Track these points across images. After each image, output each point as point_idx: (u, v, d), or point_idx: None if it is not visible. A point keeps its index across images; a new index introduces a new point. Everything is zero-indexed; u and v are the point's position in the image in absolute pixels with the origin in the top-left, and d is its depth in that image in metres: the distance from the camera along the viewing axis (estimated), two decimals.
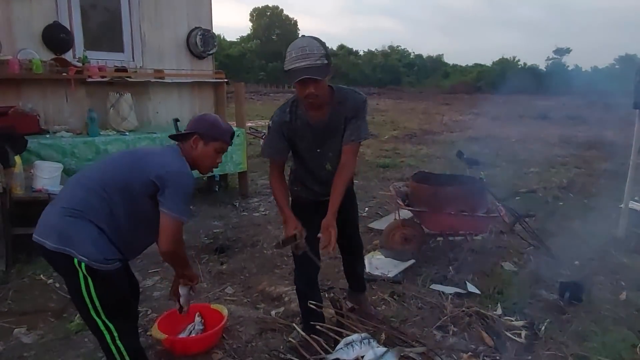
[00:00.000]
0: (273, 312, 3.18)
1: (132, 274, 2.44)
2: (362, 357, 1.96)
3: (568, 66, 46.62)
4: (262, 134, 9.06)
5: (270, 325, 3.04)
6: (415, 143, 10.97)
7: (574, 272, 3.87)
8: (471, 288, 3.47)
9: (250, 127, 9.30)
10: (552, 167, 8.28)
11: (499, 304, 3.21)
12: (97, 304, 1.99)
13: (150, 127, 5.71)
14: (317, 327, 2.29)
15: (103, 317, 2.02)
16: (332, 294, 2.46)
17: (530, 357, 2.61)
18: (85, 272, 1.94)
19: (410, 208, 3.95)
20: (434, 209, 3.82)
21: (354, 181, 3.06)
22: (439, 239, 4.25)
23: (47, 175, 3.95)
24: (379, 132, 12.58)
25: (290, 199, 2.59)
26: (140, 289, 2.69)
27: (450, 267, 3.83)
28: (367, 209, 5.72)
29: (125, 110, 5.26)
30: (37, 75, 4.76)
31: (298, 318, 3.03)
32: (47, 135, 4.77)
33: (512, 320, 2.98)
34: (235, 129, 6.04)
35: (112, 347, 2.07)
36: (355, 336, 2.10)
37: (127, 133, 5.17)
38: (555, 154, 9.53)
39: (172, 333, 2.77)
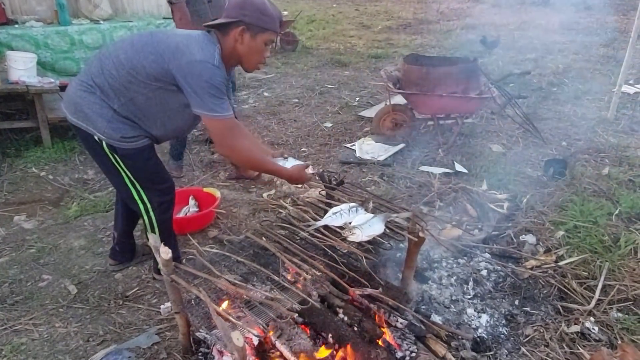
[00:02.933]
0: (265, 195, 3.27)
1: None
2: (350, 222, 2.05)
3: None
4: None
5: (263, 206, 3.14)
6: (409, 33, 10.45)
7: (560, 152, 3.94)
8: (459, 167, 3.55)
9: None
10: (550, 53, 8.01)
11: (484, 181, 3.30)
12: (130, 174, 1.98)
13: (125, 15, 5.33)
14: (307, 200, 2.36)
15: (137, 186, 2.03)
16: (320, 170, 2.49)
17: (510, 225, 2.75)
18: (107, 149, 1.90)
19: (400, 91, 3.87)
20: (425, 91, 3.74)
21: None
22: (429, 123, 4.23)
23: (22, 67, 3.76)
24: (371, 23, 11.92)
25: None
26: None
27: (440, 150, 3.88)
28: (357, 98, 5.62)
29: None
30: None
31: (289, 199, 3.13)
32: (16, 26, 4.46)
33: (496, 194, 3.09)
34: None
35: (145, 217, 2.12)
36: (343, 206, 2.16)
37: (102, 22, 4.84)
38: (554, 40, 9.16)
39: None
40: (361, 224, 2.00)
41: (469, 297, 2.23)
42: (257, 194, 3.33)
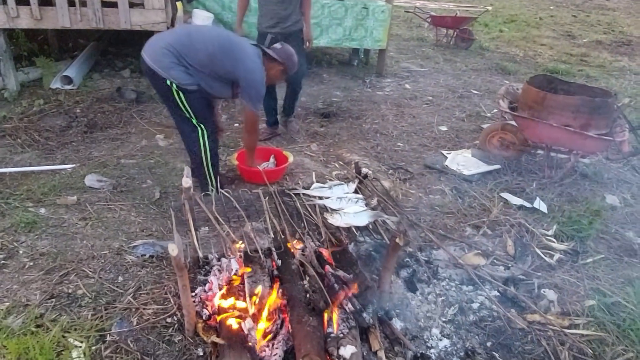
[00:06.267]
0: (334, 173, 3.58)
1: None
2: (343, 209, 2.25)
3: None
4: (428, 15, 8.59)
5: (328, 178, 3.47)
6: (619, 53, 8.93)
7: None
8: (537, 204, 3.25)
9: (417, 7, 8.84)
10: None
11: (555, 226, 2.99)
12: (191, 110, 2.75)
13: None
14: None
15: (195, 118, 2.78)
16: (357, 162, 2.70)
17: (540, 274, 2.52)
18: (176, 89, 2.64)
19: (507, 110, 3.65)
20: (535, 117, 3.46)
21: None
22: (540, 151, 3.87)
23: (200, 22, 4.75)
24: (580, 33, 10.52)
25: None
26: None
27: (534, 183, 3.57)
28: (495, 110, 5.31)
29: None
30: None
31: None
32: None
33: (554, 242, 2.80)
34: (381, 4, 6.00)
35: (200, 141, 2.87)
36: (351, 195, 2.38)
37: None
38: None
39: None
40: (348, 212, 2.20)
41: (444, 319, 2.23)
42: (330, 169, 3.66)
